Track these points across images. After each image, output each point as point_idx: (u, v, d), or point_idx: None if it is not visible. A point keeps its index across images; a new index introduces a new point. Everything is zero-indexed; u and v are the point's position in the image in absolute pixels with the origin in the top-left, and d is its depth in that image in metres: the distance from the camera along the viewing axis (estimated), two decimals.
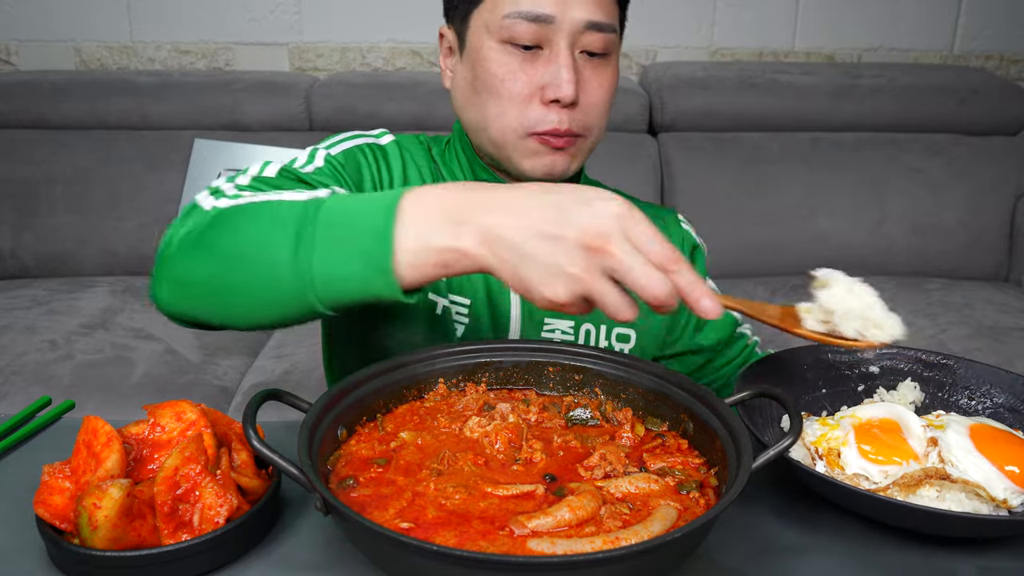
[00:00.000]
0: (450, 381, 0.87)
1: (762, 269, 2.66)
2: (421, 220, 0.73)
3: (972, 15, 3.00)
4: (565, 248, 0.68)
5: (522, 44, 1.01)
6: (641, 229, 0.69)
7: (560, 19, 0.99)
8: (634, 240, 0.69)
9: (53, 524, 0.70)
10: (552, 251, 0.68)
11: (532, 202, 0.70)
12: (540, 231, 0.69)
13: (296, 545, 0.75)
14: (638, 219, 0.69)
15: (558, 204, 0.70)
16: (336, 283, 0.74)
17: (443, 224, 0.72)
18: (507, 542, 0.65)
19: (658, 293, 0.68)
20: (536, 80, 1.02)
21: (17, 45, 2.90)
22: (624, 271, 0.68)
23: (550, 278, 0.69)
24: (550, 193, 0.71)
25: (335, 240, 0.74)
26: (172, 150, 2.57)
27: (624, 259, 0.68)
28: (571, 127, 1.02)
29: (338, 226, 0.75)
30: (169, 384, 1.99)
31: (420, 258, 0.72)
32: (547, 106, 1.02)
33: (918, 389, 0.97)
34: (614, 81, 1.07)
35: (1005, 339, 2.25)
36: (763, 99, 2.71)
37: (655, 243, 0.69)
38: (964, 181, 2.69)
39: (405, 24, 2.91)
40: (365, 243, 0.73)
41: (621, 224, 0.68)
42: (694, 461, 0.78)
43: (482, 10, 1.04)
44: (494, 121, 1.04)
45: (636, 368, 0.86)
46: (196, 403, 0.78)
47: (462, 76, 1.09)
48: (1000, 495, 0.80)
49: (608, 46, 1.04)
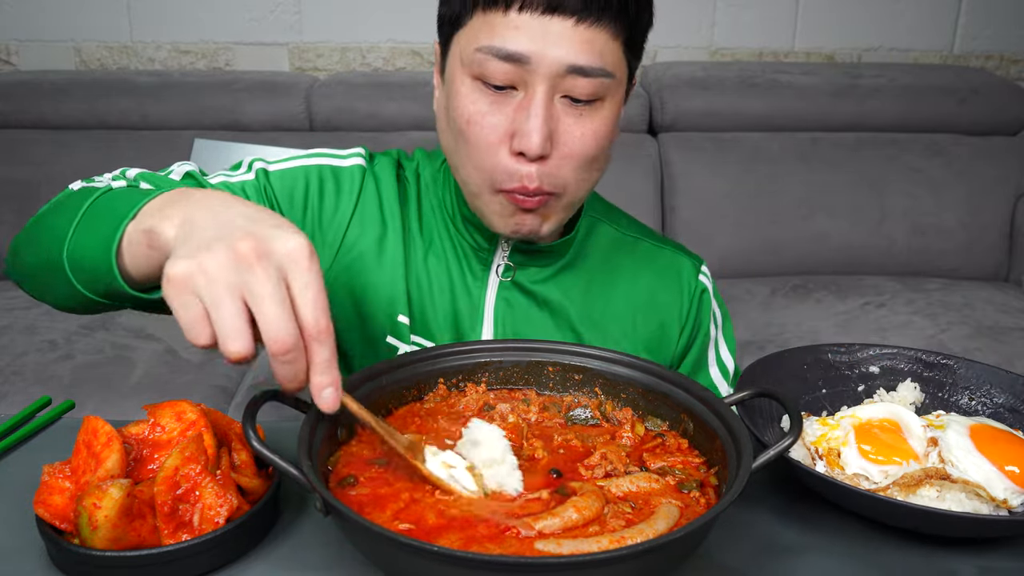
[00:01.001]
0: (450, 381, 0.87)
1: (762, 269, 2.67)
2: (153, 207, 0.73)
3: (972, 15, 3.00)
4: (218, 240, 0.63)
5: (493, 84, 0.90)
6: (306, 279, 0.64)
7: (537, 61, 0.87)
8: (291, 283, 0.63)
9: (53, 524, 0.70)
10: (207, 240, 0.64)
11: (241, 207, 0.68)
12: (220, 226, 0.65)
13: (296, 545, 0.75)
14: (310, 268, 0.64)
15: (255, 217, 0.67)
16: (81, 265, 0.78)
17: (163, 209, 0.72)
18: (515, 544, 0.64)
19: (278, 336, 0.62)
20: (505, 126, 0.90)
21: (17, 45, 2.90)
22: (256, 294, 0.62)
23: (187, 259, 0.63)
24: (262, 212, 0.68)
25: (90, 224, 0.78)
26: (172, 150, 2.57)
27: (265, 283, 0.62)
28: (541, 184, 0.91)
29: (99, 215, 0.78)
30: (169, 384, 1.99)
31: (133, 237, 0.72)
32: (515, 157, 0.91)
33: (918, 389, 0.97)
34: (606, 131, 0.94)
35: (1005, 339, 2.25)
36: (763, 99, 2.71)
37: (309, 301, 0.63)
38: (964, 181, 2.69)
39: (405, 24, 2.91)
40: (105, 227, 0.75)
41: (287, 259, 0.63)
42: (694, 460, 0.78)
43: (460, 36, 0.93)
44: (464, 165, 0.95)
45: (636, 368, 0.86)
46: (196, 403, 0.78)
47: (442, 104, 0.99)
48: (1000, 495, 0.80)
49: (599, 91, 0.90)
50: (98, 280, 0.77)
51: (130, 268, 0.75)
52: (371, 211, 1.06)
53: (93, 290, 0.79)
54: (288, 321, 0.62)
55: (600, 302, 1.10)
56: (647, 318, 1.12)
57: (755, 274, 2.65)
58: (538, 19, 0.87)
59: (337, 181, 1.06)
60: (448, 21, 0.95)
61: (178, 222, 0.69)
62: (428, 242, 1.08)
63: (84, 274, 0.78)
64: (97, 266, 0.76)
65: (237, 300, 0.62)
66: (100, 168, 2.85)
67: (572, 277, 1.10)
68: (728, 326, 1.19)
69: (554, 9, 0.86)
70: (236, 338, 0.62)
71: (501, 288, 1.07)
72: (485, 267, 1.07)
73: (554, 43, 0.87)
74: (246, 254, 0.62)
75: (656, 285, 1.13)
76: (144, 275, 0.75)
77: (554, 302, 1.09)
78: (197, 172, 1.00)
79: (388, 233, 1.06)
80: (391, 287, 1.05)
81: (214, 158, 2.55)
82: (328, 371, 0.66)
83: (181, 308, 0.63)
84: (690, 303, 1.14)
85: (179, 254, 0.64)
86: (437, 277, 1.07)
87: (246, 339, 0.62)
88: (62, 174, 2.55)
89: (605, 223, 1.14)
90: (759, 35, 2.99)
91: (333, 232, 1.05)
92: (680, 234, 2.63)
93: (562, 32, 0.87)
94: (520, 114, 0.89)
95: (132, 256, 0.73)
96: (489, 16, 0.89)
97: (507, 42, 0.87)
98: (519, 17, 0.87)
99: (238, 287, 0.62)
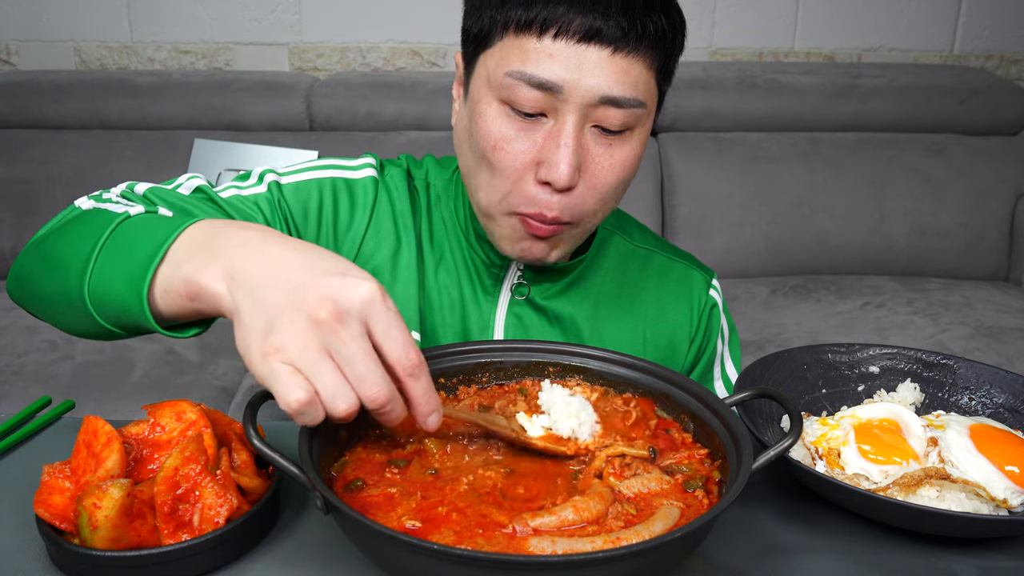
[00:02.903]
0: (450, 381, 0.87)
1: (762, 269, 2.67)
2: (183, 248, 0.69)
3: (972, 15, 3.00)
4: (294, 308, 0.61)
5: (523, 112, 0.86)
6: (386, 321, 0.63)
7: (570, 90, 0.84)
8: (373, 330, 0.62)
9: (53, 524, 0.70)
10: (280, 307, 0.62)
11: (289, 255, 0.65)
12: (282, 284, 0.63)
13: (296, 545, 0.75)
14: (387, 309, 0.63)
15: (312, 265, 0.64)
16: (104, 301, 0.74)
17: (197, 254, 0.68)
18: (503, 540, 0.65)
19: (373, 395, 0.62)
20: (533, 153, 0.87)
21: (17, 45, 2.90)
22: (344, 356, 0.61)
23: (265, 335, 0.61)
24: (311, 253, 0.66)
25: (113, 258, 0.73)
26: (172, 150, 2.58)
27: (349, 344, 0.61)
28: (560, 215, 0.89)
29: (122, 245, 0.73)
30: (169, 384, 1.99)
31: (171, 286, 0.68)
32: (540, 185, 0.88)
33: (918, 390, 0.97)
34: (634, 160, 0.91)
35: (1005, 339, 2.25)
36: (763, 99, 2.71)
37: (395, 342, 0.63)
38: (964, 181, 2.69)
39: (405, 24, 2.91)
40: (132, 266, 0.71)
41: (364, 307, 0.62)
42: (699, 453, 0.78)
43: (488, 57, 0.89)
44: (482, 187, 0.92)
45: (636, 368, 0.86)
46: (196, 403, 0.78)
47: (462, 122, 0.95)
48: (1000, 495, 0.80)
49: (630, 122, 0.88)
50: (126, 317, 0.73)
51: (163, 311, 0.71)
52: (385, 224, 1.04)
53: (116, 324, 0.76)
54: (380, 376, 0.62)
55: (611, 318, 1.09)
56: (656, 334, 1.11)
57: (755, 274, 2.66)
58: (574, 47, 0.83)
59: (351, 194, 1.03)
60: (474, 38, 0.90)
61: (223, 275, 0.65)
62: (439, 256, 1.06)
63: (109, 310, 0.74)
64: (126, 306, 0.72)
65: (329, 360, 0.61)
66: (100, 168, 2.83)
67: (583, 292, 1.09)
68: (735, 340, 1.19)
69: (591, 38, 0.83)
70: (343, 399, 0.61)
71: (512, 304, 1.06)
72: (497, 283, 1.05)
73: (589, 73, 0.84)
74: (326, 319, 0.61)
75: (667, 300, 1.12)
76: (179, 317, 0.72)
77: (565, 317, 1.07)
78: (207, 186, 0.97)
79: (402, 248, 1.04)
80: (404, 304, 1.03)
81: (214, 158, 2.55)
82: (429, 400, 0.66)
83: (276, 383, 0.61)
84: (699, 318, 1.13)
85: (254, 326, 0.62)
86: (448, 292, 1.05)
87: (351, 398, 0.62)
88: (62, 174, 2.56)
89: (617, 235, 1.13)
90: (759, 35, 2.99)
91: (348, 246, 1.04)
92: (680, 234, 2.63)
93: (598, 62, 0.84)
94: (549, 143, 0.87)
95: (168, 303, 0.70)
96: (522, 40, 0.85)
97: (540, 70, 0.84)
98: (554, 44, 0.84)
99: (326, 350, 0.61)
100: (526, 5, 0.85)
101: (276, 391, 0.61)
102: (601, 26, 0.83)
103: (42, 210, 2.54)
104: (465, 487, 0.71)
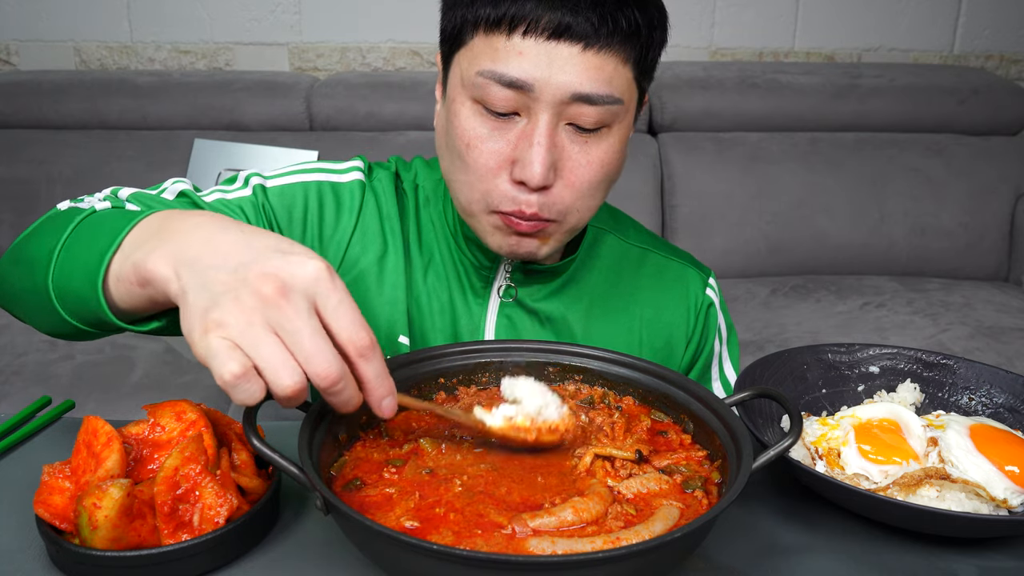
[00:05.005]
0: (450, 381, 0.87)
1: (762, 269, 2.67)
2: (137, 237, 0.69)
3: (972, 15, 3.00)
4: (239, 285, 0.60)
5: (495, 111, 0.86)
6: (336, 300, 0.61)
7: (541, 88, 0.83)
8: (321, 309, 0.61)
9: (53, 524, 0.70)
10: (225, 285, 0.61)
11: (236, 236, 0.64)
12: (227, 264, 0.62)
13: (296, 545, 0.75)
14: (336, 288, 0.62)
15: (259, 245, 0.63)
16: (66, 295, 0.74)
17: (149, 240, 0.67)
18: (503, 541, 0.65)
19: (322, 372, 0.60)
20: (507, 152, 0.87)
21: (17, 45, 2.90)
22: (290, 332, 0.59)
23: (207, 312, 0.60)
24: (256, 235, 0.65)
25: (75, 252, 0.73)
26: (172, 150, 2.58)
27: (295, 320, 0.59)
28: (539, 212, 0.88)
29: (83, 239, 0.73)
30: (169, 384, 1.99)
31: (122, 273, 0.68)
32: (515, 184, 0.88)
33: (918, 390, 0.97)
34: (612, 158, 0.90)
35: (1005, 339, 2.25)
36: (763, 99, 2.72)
37: (345, 320, 0.61)
38: (964, 181, 2.69)
39: (405, 24, 2.91)
40: (89, 257, 0.71)
41: (312, 286, 0.61)
42: (697, 455, 0.78)
43: (461, 56, 0.89)
44: (461, 187, 0.92)
45: (636, 368, 0.86)
46: (196, 403, 0.78)
47: (441, 123, 0.95)
48: (1000, 495, 0.80)
49: (605, 119, 0.87)
50: (85, 310, 0.74)
51: (118, 301, 0.71)
52: (372, 228, 1.03)
53: (81, 319, 0.75)
54: (329, 352, 0.60)
55: (605, 319, 1.08)
56: (653, 335, 1.10)
57: (755, 274, 2.66)
58: (543, 44, 0.83)
59: (337, 197, 1.03)
60: (449, 37, 0.91)
61: (170, 259, 0.64)
62: (428, 259, 1.05)
63: (70, 303, 0.75)
64: (83, 297, 0.72)
65: (273, 335, 0.60)
66: (100, 168, 2.84)
67: (575, 293, 1.07)
68: (733, 340, 1.17)
69: (560, 34, 0.83)
70: (288, 374, 0.59)
71: (503, 306, 1.05)
72: (486, 285, 1.05)
73: (560, 70, 0.83)
74: (271, 295, 0.60)
75: (663, 300, 1.11)
76: (135, 308, 0.71)
77: (557, 319, 1.06)
78: (191, 190, 0.96)
79: (389, 251, 1.03)
80: (392, 308, 1.03)
81: (214, 158, 2.55)
82: (382, 383, 0.64)
83: (212, 358, 0.59)
84: (696, 318, 1.12)
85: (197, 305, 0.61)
86: (437, 295, 1.04)
87: (297, 372, 0.59)
88: (62, 174, 2.56)
89: (611, 234, 1.11)
90: (759, 35, 2.99)
91: (333, 250, 1.03)
92: (680, 234, 2.63)
93: (569, 58, 0.83)
94: (522, 142, 0.86)
95: (121, 292, 0.70)
96: (492, 39, 0.85)
97: (510, 68, 0.83)
98: (523, 42, 0.83)
99: (271, 326, 0.60)
100: (495, 3, 0.84)
101: (212, 366, 0.59)
102: (570, 22, 0.82)
103: (42, 210, 2.54)
104: (459, 488, 0.71)
